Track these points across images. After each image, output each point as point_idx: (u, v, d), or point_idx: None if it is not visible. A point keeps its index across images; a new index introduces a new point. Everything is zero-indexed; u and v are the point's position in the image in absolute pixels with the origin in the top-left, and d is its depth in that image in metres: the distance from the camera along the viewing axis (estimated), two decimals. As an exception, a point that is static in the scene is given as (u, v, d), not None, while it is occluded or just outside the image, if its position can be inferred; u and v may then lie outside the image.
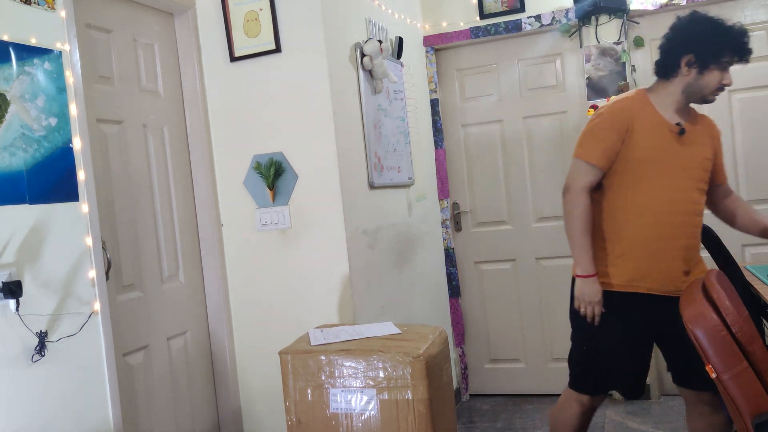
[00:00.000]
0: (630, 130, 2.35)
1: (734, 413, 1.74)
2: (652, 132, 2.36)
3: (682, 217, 2.39)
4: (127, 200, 2.67)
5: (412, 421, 2.21)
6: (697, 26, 2.36)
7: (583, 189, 2.39)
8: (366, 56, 3.15)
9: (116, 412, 2.34)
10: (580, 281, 2.46)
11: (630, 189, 2.38)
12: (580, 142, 2.43)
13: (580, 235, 2.40)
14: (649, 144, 2.35)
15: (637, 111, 2.39)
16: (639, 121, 2.36)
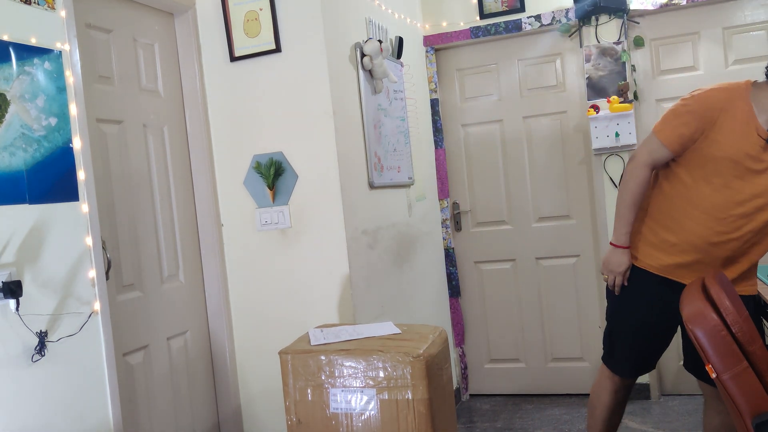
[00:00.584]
0: (715, 124, 2.16)
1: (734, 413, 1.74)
2: (739, 131, 2.16)
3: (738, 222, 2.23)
4: (127, 200, 2.67)
5: (412, 421, 2.21)
6: None
7: (646, 164, 2.30)
8: (366, 56, 3.15)
9: (116, 411, 2.34)
10: (612, 249, 2.43)
11: (702, 183, 2.24)
12: (664, 118, 2.29)
13: (627, 206, 2.35)
14: (732, 143, 2.17)
15: (730, 104, 2.17)
16: (728, 116, 2.16)
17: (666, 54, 3.86)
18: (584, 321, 4.05)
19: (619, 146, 3.77)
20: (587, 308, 4.05)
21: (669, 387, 3.94)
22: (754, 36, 3.72)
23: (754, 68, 3.70)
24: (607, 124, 3.76)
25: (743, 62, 3.73)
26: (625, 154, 3.82)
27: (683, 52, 3.83)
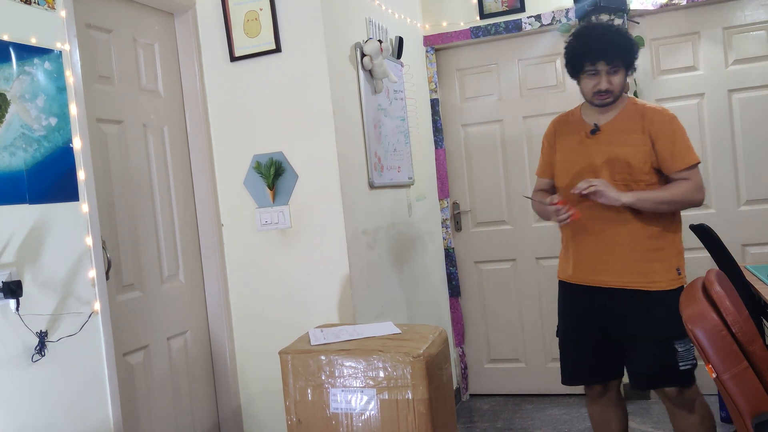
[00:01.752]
0: (554, 138, 2.65)
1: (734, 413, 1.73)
2: (568, 136, 2.58)
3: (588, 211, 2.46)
4: (127, 200, 2.67)
5: (412, 421, 2.21)
6: (571, 37, 2.52)
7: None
8: (366, 56, 3.15)
9: (116, 411, 2.34)
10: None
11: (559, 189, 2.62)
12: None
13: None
14: (563, 147, 2.59)
15: (563, 119, 2.66)
16: (561, 127, 2.63)
17: (666, 54, 3.86)
18: (584, 321, 4.05)
19: (619, 146, 3.77)
20: (587, 308, 4.04)
21: (669, 387, 3.94)
22: (754, 36, 3.72)
23: (754, 68, 3.71)
24: (607, 124, 3.75)
25: (743, 62, 3.73)
26: (625, 154, 3.82)
27: (683, 52, 3.83)
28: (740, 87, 3.74)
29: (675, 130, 2.44)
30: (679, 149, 2.42)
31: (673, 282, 2.45)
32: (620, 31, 2.48)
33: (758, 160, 3.73)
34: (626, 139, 2.45)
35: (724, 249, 2.78)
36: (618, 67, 2.44)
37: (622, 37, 2.46)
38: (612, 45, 2.42)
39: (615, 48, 2.42)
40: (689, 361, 2.41)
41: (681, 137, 2.44)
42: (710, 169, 3.81)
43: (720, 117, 3.79)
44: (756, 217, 3.74)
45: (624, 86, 2.50)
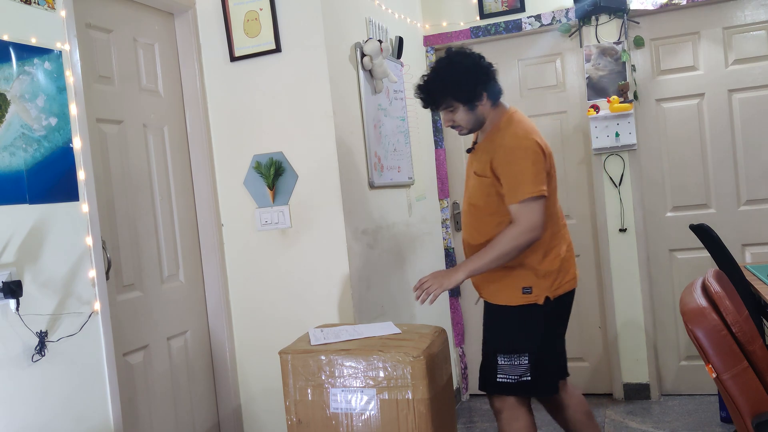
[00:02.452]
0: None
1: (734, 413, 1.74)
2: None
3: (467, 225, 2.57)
4: (127, 200, 2.67)
5: (412, 421, 2.21)
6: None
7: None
8: (366, 56, 3.15)
9: (116, 411, 2.34)
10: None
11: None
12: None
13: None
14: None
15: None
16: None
17: (666, 54, 3.86)
18: (584, 321, 4.05)
19: (619, 146, 3.77)
20: (587, 308, 4.05)
21: (669, 387, 3.95)
22: (754, 36, 3.72)
23: (754, 68, 3.71)
24: (607, 124, 3.76)
25: (743, 62, 3.73)
26: (625, 154, 3.82)
27: (683, 52, 3.83)
28: (740, 87, 3.74)
29: (511, 161, 2.36)
30: (513, 183, 2.35)
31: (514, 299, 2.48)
32: (448, 72, 2.41)
33: (758, 160, 3.73)
34: (478, 165, 2.48)
35: (724, 249, 2.78)
36: (450, 106, 2.43)
37: (444, 81, 2.40)
38: (431, 96, 2.44)
39: (434, 97, 2.43)
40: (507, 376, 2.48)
41: (517, 168, 2.35)
42: (710, 169, 3.81)
43: (720, 117, 3.79)
44: (756, 217, 3.74)
45: (476, 115, 2.45)
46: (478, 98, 2.41)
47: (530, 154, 2.35)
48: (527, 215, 2.32)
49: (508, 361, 2.46)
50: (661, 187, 3.90)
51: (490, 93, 2.43)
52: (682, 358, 3.91)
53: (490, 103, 2.44)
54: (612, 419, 3.66)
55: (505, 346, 2.47)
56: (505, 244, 2.33)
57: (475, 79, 2.38)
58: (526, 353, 2.46)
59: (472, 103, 2.41)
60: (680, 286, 3.83)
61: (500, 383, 2.49)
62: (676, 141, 3.86)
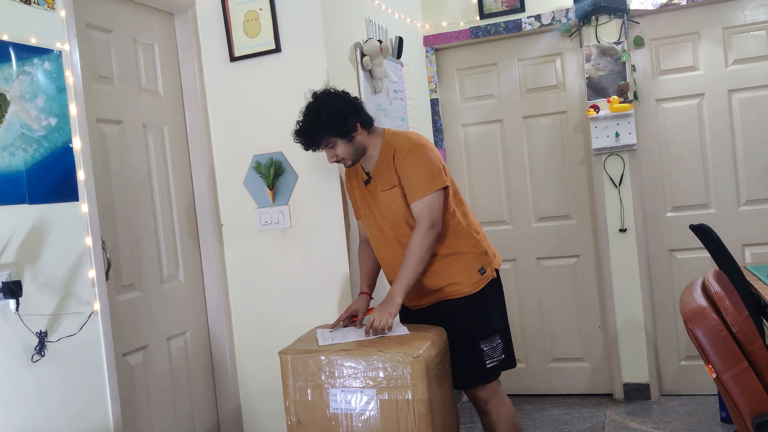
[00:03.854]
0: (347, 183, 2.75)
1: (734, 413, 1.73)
2: (354, 181, 2.69)
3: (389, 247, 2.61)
4: (127, 200, 2.67)
5: (412, 421, 2.21)
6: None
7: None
8: (366, 56, 3.15)
9: (116, 411, 2.34)
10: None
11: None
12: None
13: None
14: (353, 195, 2.71)
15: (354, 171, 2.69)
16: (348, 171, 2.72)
17: (666, 54, 3.86)
18: (584, 321, 4.05)
19: (619, 146, 3.77)
20: (587, 308, 4.05)
21: (669, 387, 3.94)
22: (754, 36, 3.72)
23: (754, 68, 3.71)
24: (607, 124, 3.76)
25: (743, 62, 3.73)
26: (625, 154, 3.82)
27: (683, 52, 3.83)
28: (740, 87, 3.74)
29: (411, 163, 2.48)
30: (414, 181, 2.47)
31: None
32: (319, 114, 2.49)
33: (758, 160, 3.73)
34: (384, 183, 2.54)
35: (724, 249, 2.78)
36: (331, 142, 2.50)
37: (317, 121, 2.48)
38: (309, 138, 2.51)
39: (313, 139, 2.51)
40: (493, 359, 2.56)
41: (417, 168, 2.48)
42: (710, 169, 3.81)
43: (720, 117, 3.79)
44: (756, 217, 3.74)
45: (356, 145, 2.53)
46: (353, 130, 2.50)
47: (425, 150, 2.50)
48: (428, 212, 2.44)
49: (489, 345, 2.55)
50: (661, 187, 3.90)
51: (363, 122, 2.53)
52: (682, 358, 3.91)
53: (365, 131, 2.55)
54: (612, 419, 3.67)
55: (483, 331, 2.55)
56: (419, 250, 2.43)
57: (345, 114, 2.48)
58: (497, 332, 2.58)
59: (349, 135, 2.50)
60: (680, 286, 3.83)
61: (490, 369, 2.56)
62: (676, 141, 3.86)
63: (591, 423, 3.65)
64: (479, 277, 2.57)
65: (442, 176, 2.49)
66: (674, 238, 3.87)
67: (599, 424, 3.62)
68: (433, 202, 2.45)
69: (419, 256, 2.43)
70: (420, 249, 2.43)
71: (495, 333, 2.57)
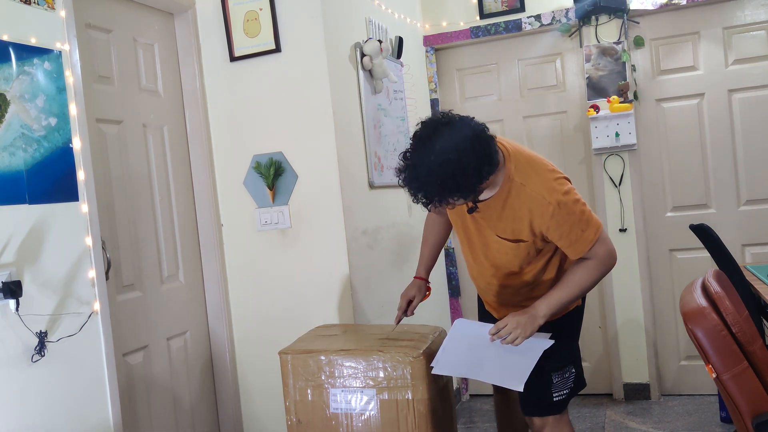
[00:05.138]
0: None
1: (734, 413, 1.73)
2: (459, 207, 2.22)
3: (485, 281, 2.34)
4: (127, 200, 2.67)
5: (412, 421, 2.21)
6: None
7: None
8: (366, 56, 3.15)
9: (116, 412, 2.34)
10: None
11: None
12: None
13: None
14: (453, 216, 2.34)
15: None
16: None
17: (666, 54, 3.86)
18: (584, 321, 4.04)
19: (619, 146, 3.77)
20: (587, 308, 4.03)
21: (669, 387, 3.94)
22: (754, 36, 3.72)
23: (754, 68, 3.71)
24: (607, 124, 3.76)
25: (743, 62, 3.73)
26: (625, 154, 3.82)
27: (683, 52, 3.83)
28: (740, 87, 3.74)
29: (564, 217, 2.05)
30: (576, 236, 2.07)
31: None
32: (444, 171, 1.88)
33: (758, 160, 3.73)
34: (502, 228, 2.14)
35: (724, 249, 2.78)
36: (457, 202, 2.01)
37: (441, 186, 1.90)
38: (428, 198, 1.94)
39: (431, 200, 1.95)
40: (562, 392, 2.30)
41: (572, 221, 2.06)
42: (710, 169, 3.81)
43: (720, 117, 3.79)
44: (756, 217, 3.74)
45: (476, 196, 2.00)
46: (476, 194, 1.99)
47: (572, 196, 2.07)
48: (602, 248, 2.10)
49: (560, 377, 2.28)
50: (661, 187, 3.90)
51: (494, 170, 1.98)
52: (682, 358, 3.91)
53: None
54: (612, 419, 3.66)
55: (557, 362, 2.26)
56: (590, 279, 2.11)
57: (480, 175, 1.92)
58: (572, 363, 2.31)
59: (472, 195, 1.98)
60: (680, 286, 3.83)
61: (557, 402, 2.29)
62: (676, 141, 3.86)
63: (591, 423, 3.65)
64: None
65: (593, 217, 2.10)
66: (674, 238, 3.87)
67: (599, 424, 3.62)
68: (602, 240, 2.09)
69: (589, 282, 2.12)
70: (592, 276, 2.11)
71: (569, 364, 2.30)
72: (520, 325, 2.09)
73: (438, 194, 1.92)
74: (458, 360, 2.19)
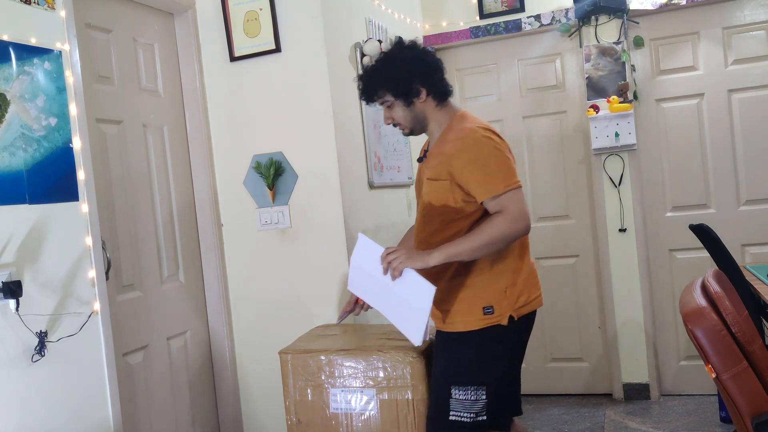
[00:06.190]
0: None
1: (734, 413, 1.74)
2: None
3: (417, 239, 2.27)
4: (127, 200, 2.67)
5: (411, 421, 2.21)
6: None
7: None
8: (366, 56, 3.15)
9: (116, 412, 2.34)
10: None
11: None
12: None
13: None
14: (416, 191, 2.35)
15: None
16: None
17: (666, 54, 3.86)
18: (584, 321, 4.05)
19: (618, 146, 3.77)
20: (587, 308, 4.05)
21: (669, 387, 3.94)
22: (754, 36, 3.72)
23: (753, 68, 3.71)
24: (606, 124, 3.76)
25: (743, 62, 3.73)
26: (624, 154, 3.82)
27: (683, 52, 3.83)
28: (740, 87, 3.74)
29: (477, 156, 2.08)
30: (485, 178, 2.05)
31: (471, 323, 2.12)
32: (383, 63, 2.19)
33: (758, 160, 3.73)
34: (432, 171, 2.17)
35: (724, 249, 2.78)
36: (387, 100, 2.18)
37: (378, 73, 2.18)
38: (366, 87, 2.21)
39: (368, 89, 2.20)
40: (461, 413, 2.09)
41: (485, 161, 2.07)
42: (710, 169, 3.81)
43: (720, 117, 3.79)
44: (756, 217, 3.74)
45: (416, 113, 2.19)
46: (415, 94, 2.15)
47: (495, 145, 2.13)
48: (515, 205, 2.04)
49: (463, 394, 2.08)
50: (661, 187, 3.90)
51: (432, 90, 2.17)
52: (682, 358, 3.91)
53: (434, 102, 2.19)
54: (612, 419, 3.67)
55: (461, 376, 2.08)
56: (496, 233, 2.01)
57: (411, 73, 2.14)
58: (484, 386, 2.08)
59: (408, 99, 2.16)
60: (680, 286, 3.83)
61: (453, 423, 2.09)
62: (675, 141, 3.86)
63: (590, 423, 3.65)
64: (481, 316, 2.11)
65: (514, 176, 2.09)
66: (674, 238, 3.87)
67: (599, 424, 3.62)
68: (516, 196, 2.05)
69: (491, 236, 2.01)
70: (500, 231, 2.01)
71: (478, 385, 2.08)
72: (408, 255, 2.03)
73: (374, 84, 2.18)
74: (365, 286, 2.17)
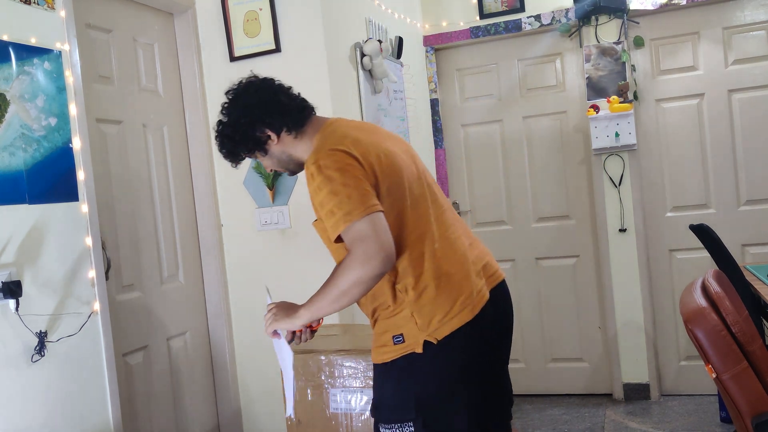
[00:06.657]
0: None
1: (734, 413, 1.74)
2: None
3: None
4: (127, 200, 2.67)
5: (411, 421, 2.20)
6: None
7: None
8: (366, 56, 3.15)
9: (116, 412, 2.34)
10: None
11: None
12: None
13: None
14: None
15: None
16: None
17: (666, 54, 3.86)
18: (584, 321, 4.05)
19: (618, 146, 3.77)
20: (587, 308, 4.05)
21: (669, 387, 3.94)
22: (754, 36, 3.72)
23: (754, 68, 3.71)
24: (606, 124, 3.76)
25: (743, 62, 3.73)
26: (624, 154, 3.82)
27: (683, 52, 3.83)
28: (740, 87, 3.74)
29: (314, 192, 1.76)
30: (326, 215, 1.73)
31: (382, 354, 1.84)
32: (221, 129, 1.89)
33: (758, 160, 3.73)
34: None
35: (724, 249, 2.78)
36: (252, 155, 1.93)
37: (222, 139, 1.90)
38: (226, 156, 1.93)
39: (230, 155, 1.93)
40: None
41: (322, 198, 1.73)
42: (710, 169, 3.81)
43: (720, 117, 3.79)
44: (756, 217, 3.74)
45: (278, 156, 1.91)
46: (265, 141, 1.87)
47: (335, 169, 1.72)
48: (357, 243, 1.67)
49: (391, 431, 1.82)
50: (661, 187, 3.90)
51: (278, 129, 1.86)
52: (682, 358, 3.91)
53: (290, 136, 1.88)
54: (612, 419, 3.67)
55: (384, 414, 1.83)
56: (343, 279, 1.69)
57: (247, 125, 1.85)
58: (410, 422, 1.79)
59: (262, 149, 1.90)
60: (680, 286, 3.83)
61: None
62: (675, 141, 3.86)
63: (590, 423, 3.65)
64: (392, 347, 1.81)
65: (363, 201, 1.69)
66: (674, 238, 3.87)
67: (599, 424, 3.62)
68: (361, 230, 1.67)
69: (340, 285, 1.70)
70: (343, 277, 1.69)
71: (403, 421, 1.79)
72: (277, 313, 1.84)
73: (220, 148, 1.91)
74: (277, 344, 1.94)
